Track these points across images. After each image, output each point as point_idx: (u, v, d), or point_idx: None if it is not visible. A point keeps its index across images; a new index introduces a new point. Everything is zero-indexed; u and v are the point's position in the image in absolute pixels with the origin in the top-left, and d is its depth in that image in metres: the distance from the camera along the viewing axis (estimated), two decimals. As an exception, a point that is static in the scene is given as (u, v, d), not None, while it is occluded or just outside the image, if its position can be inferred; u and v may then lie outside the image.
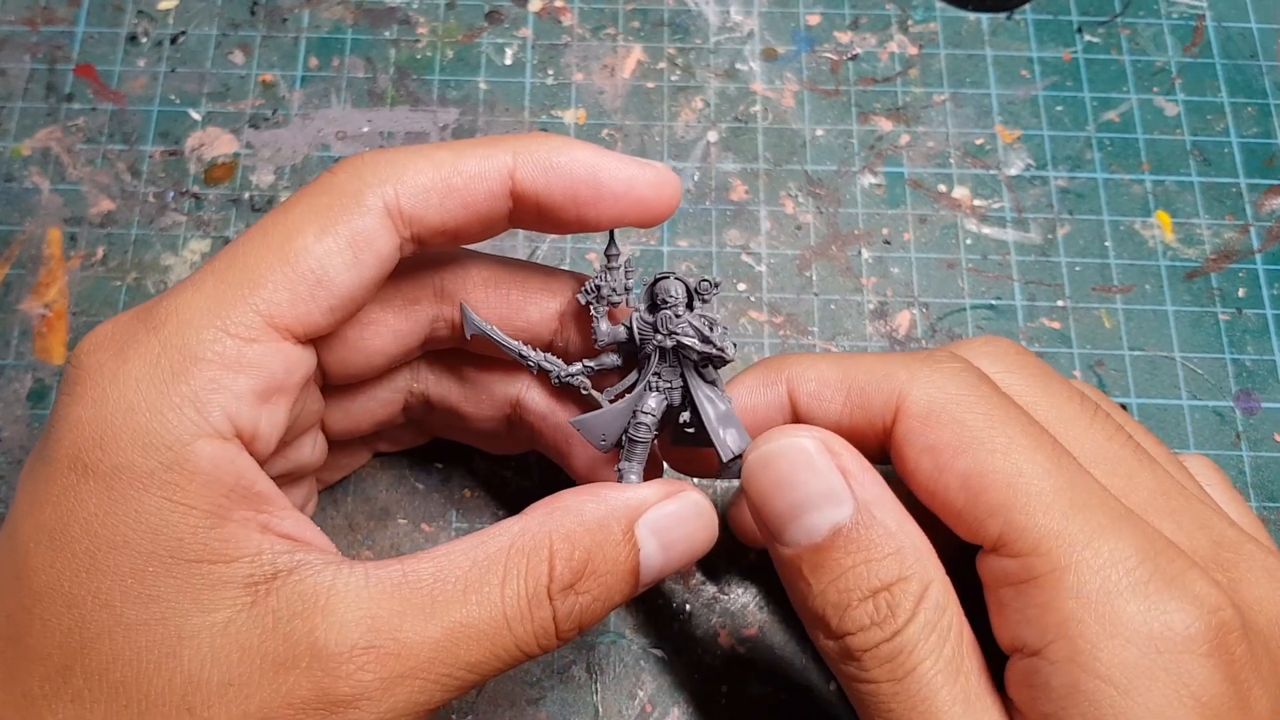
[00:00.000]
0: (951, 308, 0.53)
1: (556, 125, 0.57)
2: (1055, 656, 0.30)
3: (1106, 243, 0.55)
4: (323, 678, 0.30)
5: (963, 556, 0.34)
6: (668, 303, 0.37)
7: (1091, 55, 0.59)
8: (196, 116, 0.56)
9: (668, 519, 0.35)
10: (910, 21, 0.60)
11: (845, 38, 0.60)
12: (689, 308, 0.38)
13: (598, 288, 0.38)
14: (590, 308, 0.39)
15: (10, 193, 0.54)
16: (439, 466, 0.49)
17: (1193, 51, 0.59)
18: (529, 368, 0.39)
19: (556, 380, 0.39)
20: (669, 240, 0.54)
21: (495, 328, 0.39)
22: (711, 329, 0.37)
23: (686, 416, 0.38)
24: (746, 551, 0.48)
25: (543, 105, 0.57)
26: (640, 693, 0.45)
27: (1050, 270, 0.54)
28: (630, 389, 0.39)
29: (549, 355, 0.39)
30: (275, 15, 0.59)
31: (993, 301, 0.53)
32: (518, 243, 0.54)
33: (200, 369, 0.32)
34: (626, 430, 0.38)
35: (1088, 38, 0.60)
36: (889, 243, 0.55)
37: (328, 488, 0.48)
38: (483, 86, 0.58)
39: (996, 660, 0.33)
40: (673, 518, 0.35)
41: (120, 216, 0.54)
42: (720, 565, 0.48)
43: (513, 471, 0.49)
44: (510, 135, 0.37)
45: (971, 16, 0.60)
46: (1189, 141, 0.57)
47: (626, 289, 0.39)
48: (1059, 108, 0.58)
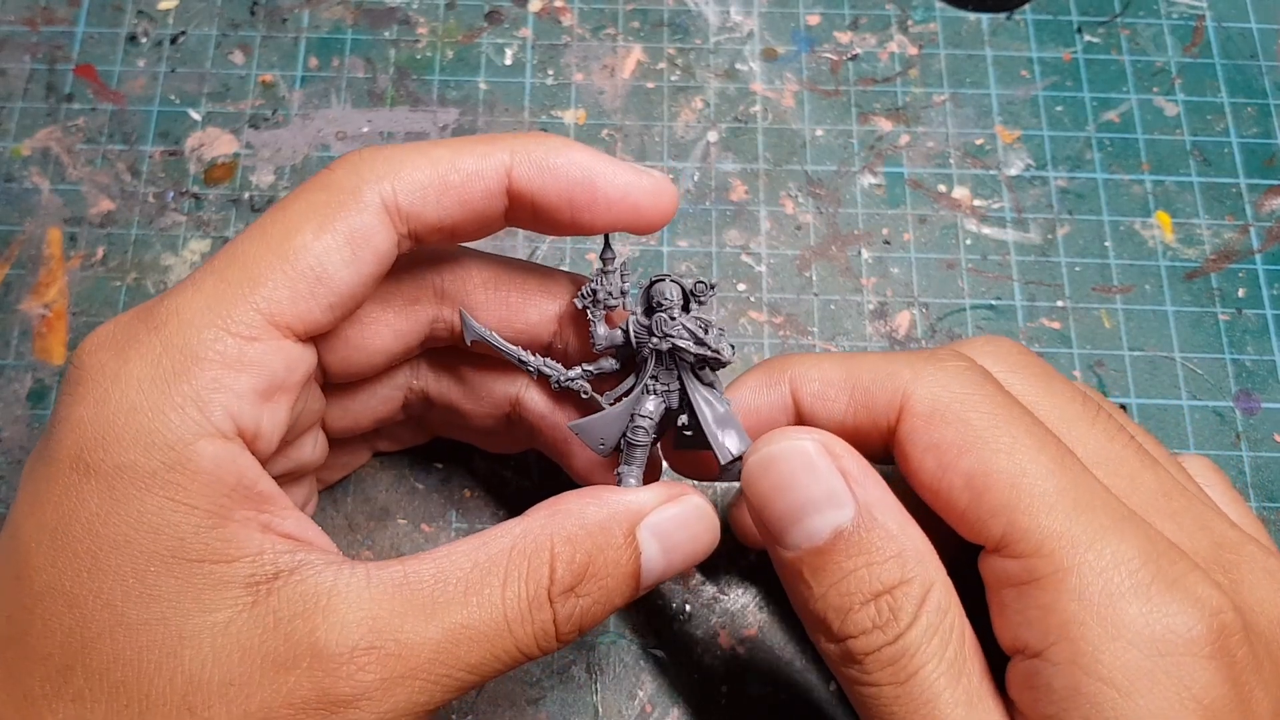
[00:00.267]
0: (951, 308, 0.53)
1: (556, 125, 0.57)
2: (1057, 658, 0.30)
3: (1106, 243, 0.55)
4: (323, 678, 0.30)
5: (964, 556, 0.34)
6: (663, 305, 0.37)
7: (1091, 55, 0.59)
8: (196, 116, 0.56)
9: (669, 522, 0.35)
10: (910, 21, 0.60)
11: (845, 38, 0.60)
12: (685, 310, 0.37)
13: (593, 291, 0.38)
14: (587, 312, 0.38)
15: (10, 193, 0.54)
16: (439, 466, 0.49)
17: (1193, 51, 0.59)
18: (529, 372, 0.39)
19: (556, 385, 0.39)
20: (669, 241, 0.54)
21: (495, 333, 0.39)
22: (706, 331, 0.36)
23: (684, 419, 0.38)
24: (746, 552, 0.48)
25: (542, 105, 0.57)
26: (640, 693, 0.45)
27: (1050, 270, 0.54)
28: (629, 392, 0.38)
29: (548, 360, 0.39)
30: (275, 15, 0.59)
31: (993, 302, 0.53)
32: (518, 243, 0.54)
33: (202, 368, 0.32)
34: (625, 434, 0.38)
35: (1088, 38, 0.60)
36: (889, 243, 0.55)
37: (327, 488, 0.48)
38: (483, 87, 0.58)
39: (997, 661, 0.33)
40: (674, 521, 0.35)
41: (120, 216, 0.54)
42: (720, 566, 0.48)
43: (512, 471, 0.49)
44: (509, 134, 0.37)
45: (971, 16, 0.60)
46: (1189, 142, 0.57)
47: (623, 292, 0.38)
48: (1059, 108, 0.58)
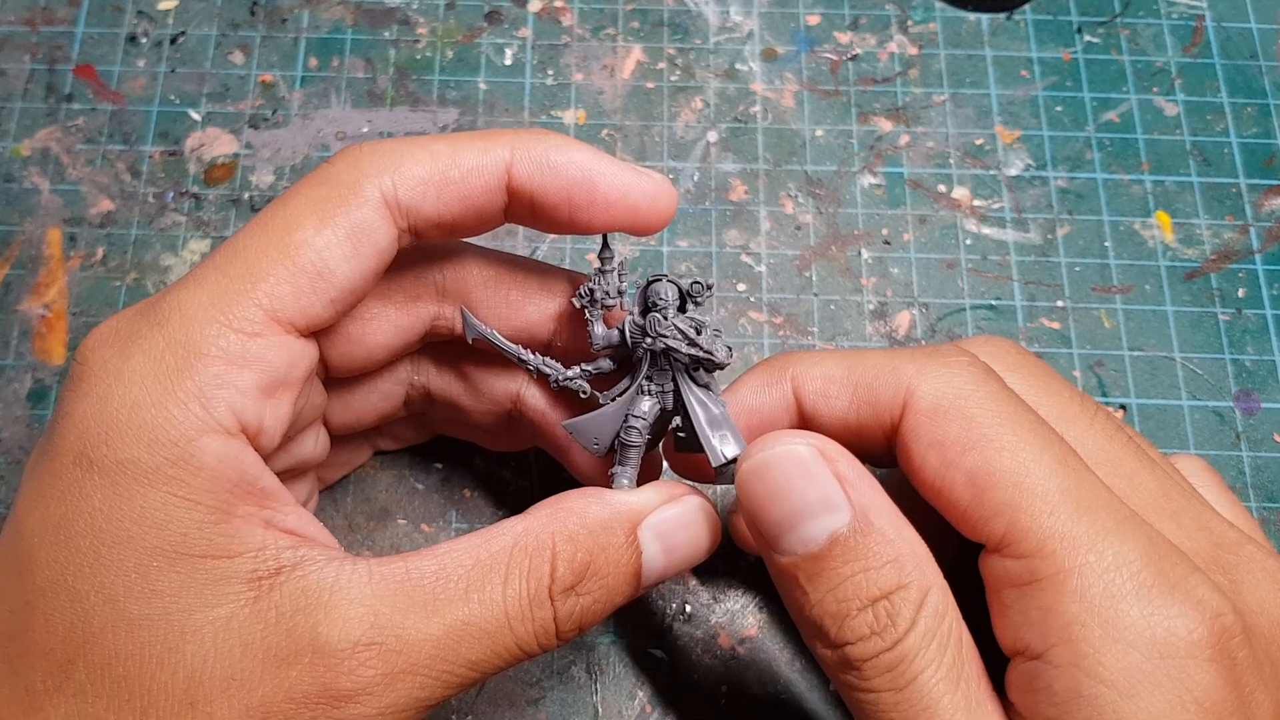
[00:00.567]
0: (951, 308, 0.53)
1: (556, 125, 0.57)
2: (1058, 660, 0.30)
3: (1106, 243, 0.55)
4: (324, 673, 0.30)
5: (963, 556, 0.34)
6: (658, 305, 0.37)
7: (1091, 55, 0.59)
8: (196, 117, 0.56)
9: (671, 522, 0.35)
10: (910, 22, 0.60)
11: (845, 38, 0.60)
12: (682, 310, 0.37)
13: (591, 291, 0.38)
14: (585, 312, 0.38)
15: (10, 193, 0.54)
16: (439, 466, 0.49)
17: (1192, 52, 0.60)
18: (528, 371, 0.39)
19: (555, 384, 0.39)
20: (669, 241, 0.54)
21: (495, 332, 0.39)
22: (700, 331, 0.36)
23: (679, 421, 0.37)
24: (746, 554, 0.48)
25: (542, 105, 0.57)
26: (640, 693, 0.45)
27: (1050, 270, 0.54)
28: (625, 392, 0.38)
29: (548, 359, 0.39)
30: (275, 15, 0.59)
31: (992, 302, 0.53)
32: (518, 242, 0.54)
33: (204, 364, 0.32)
34: (619, 434, 0.38)
35: (1087, 38, 0.60)
36: (889, 243, 0.55)
37: (328, 487, 0.48)
38: (482, 87, 0.58)
39: (996, 663, 0.33)
40: (676, 521, 0.35)
41: (120, 217, 0.54)
42: (720, 567, 0.48)
43: (512, 471, 0.49)
44: (510, 130, 0.37)
45: (971, 17, 0.60)
46: (1189, 142, 0.57)
47: (620, 292, 0.38)
48: (1059, 108, 0.58)
